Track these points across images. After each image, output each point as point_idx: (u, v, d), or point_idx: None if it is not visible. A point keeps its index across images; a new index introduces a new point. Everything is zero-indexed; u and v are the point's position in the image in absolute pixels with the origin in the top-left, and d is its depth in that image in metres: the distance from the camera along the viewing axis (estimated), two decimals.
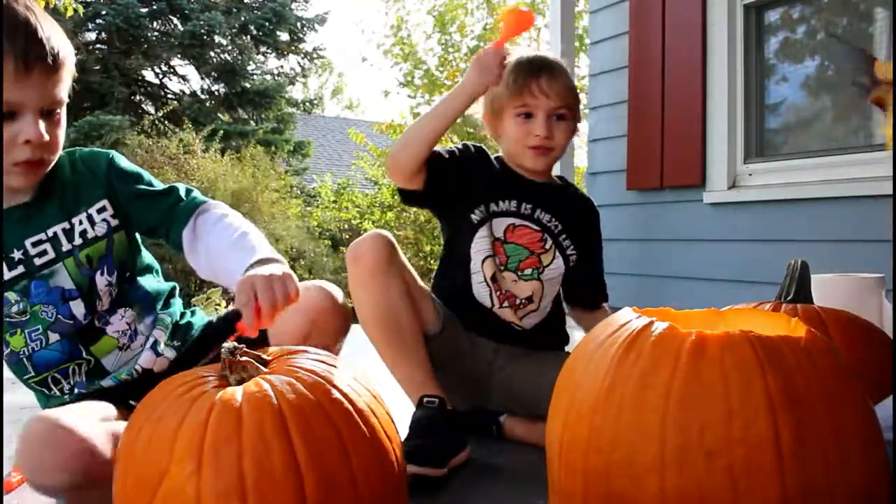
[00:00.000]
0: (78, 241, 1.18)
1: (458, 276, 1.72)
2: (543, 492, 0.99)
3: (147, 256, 1.32)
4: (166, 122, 9.85)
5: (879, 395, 1.02)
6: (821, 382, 0.83)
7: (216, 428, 0.80)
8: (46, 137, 1.08)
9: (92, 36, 11.35)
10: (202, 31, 11.52)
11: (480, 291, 1.72)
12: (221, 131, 10.10)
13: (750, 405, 0.80)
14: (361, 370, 1.00)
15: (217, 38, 12.04)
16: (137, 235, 1.30)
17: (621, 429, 0.84)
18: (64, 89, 1.11)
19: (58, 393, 1.21)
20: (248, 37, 12.79)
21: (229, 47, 12.42)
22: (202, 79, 12.53)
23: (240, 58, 12.36)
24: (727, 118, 3.06)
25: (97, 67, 10.85)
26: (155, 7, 11.42)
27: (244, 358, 0.90)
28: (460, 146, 1.76)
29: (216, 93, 12.53)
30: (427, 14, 9.97)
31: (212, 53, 12.29)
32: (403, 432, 1.21)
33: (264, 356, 0.95)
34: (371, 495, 0.84)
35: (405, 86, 10.10)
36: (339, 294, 1.40)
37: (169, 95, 12.30)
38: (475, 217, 1.70)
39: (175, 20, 12.05)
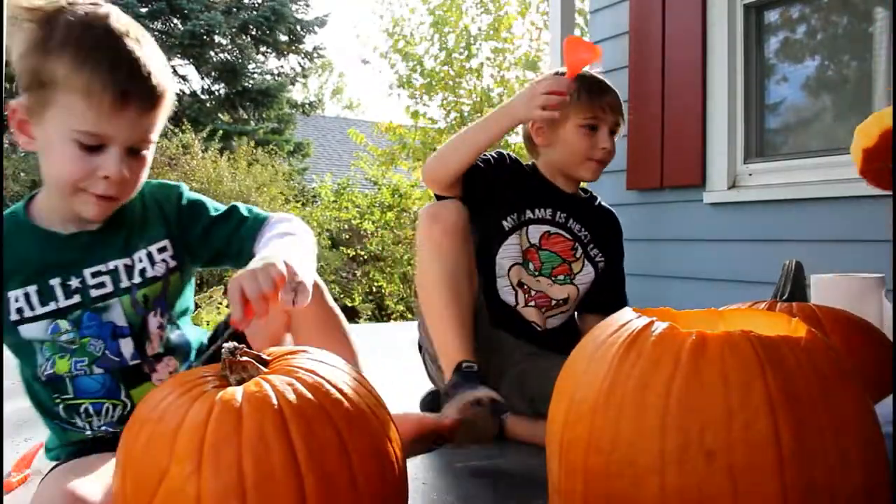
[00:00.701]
0: (137, 279, 1.14)
1: (485, 277, 1.75)
2: (543, 492, 0.99)
3: (189, 298, 1.25)
4: (166, 122, 9.85)
5: (876, 392, 1.02)
6: (821, 382, 0.83)
7: (216, 428, 0.80)
8: (126, 176, 1.05)
9: None
10: (202, 30, 11.51)
11: (506, 294, 1.76)
12: (221, 131, 10.10)
13: (750, 405, 0.80)
14: (362, 370, 1.00)
15: (217, 38, 12.04)
16: (191, 280, 1.25)
17: (621, 429, 0.84)
18: (157, 128, 1.08)
19: (81, 427, 1.16)
20: (248, 37, 12.79)
21: (229, 47, 12.42)
22: (202, 79, 12.53)
23: (240, 58, 12.36)
24: (727, 118, 3.06)
25: None
26: (155, 7, 11.42)
27: (244, 358, 0.90)
28: (495, 155, 1.79)
29: (216, 93, 12.54)
30: (428, 14, 9.95)
31: (212, 53, 12.29)
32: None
33: (264, 356, 0.95)
34: (371, 495, 0.84)
35: (403, 86, 10.09)
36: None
37: None
38: (507, 224, 1.74)
39: (175, 20, 12.05)
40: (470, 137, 1.63)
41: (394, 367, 2.27)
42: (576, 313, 1.90)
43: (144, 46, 1.04)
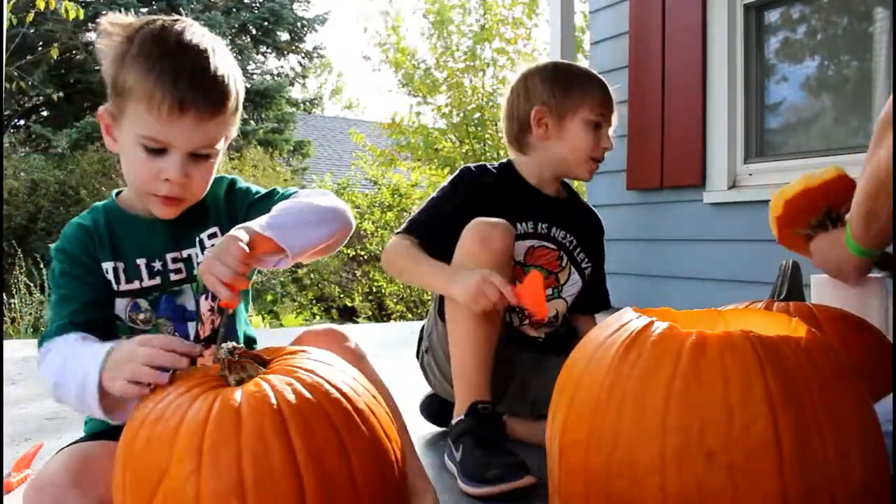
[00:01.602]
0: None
1: None
2: (543, 492, 0.99)
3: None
4: None
5: (872, 388, 1.02)
6: (821, 382, 0.83)
7: (216, 428, 0.80)
8: (188, 179, 1.11)
9: (92, 36, 11.35)
10: None
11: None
12: None
13: (750, 405, 0.80)
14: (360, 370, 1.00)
15: None
16: None
17: (622, 429, 0.84)
18: (220, 135, 1.13)
19: None
20: (248, 37, 12.80)
21: (229, 47, 12.41)
22: None
23: (240, 57, 12.37)
24: (727, 118, 3.06)
25: (97, 67, 10.86)
26: (155, 7, 11.42)
27: (243, 358, 0.90)
28: (457, 185, 1.69)
29: None
30: (427, 14, 9.96)
31: None
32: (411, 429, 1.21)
33: (264, 356, 0.95)
34: (370, 495, 0.84)
35: (404, 86, 10.10)
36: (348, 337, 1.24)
37: None
38: None
39: None
40: (416, 276, 1.59)
41: (394, 367, 2.26)
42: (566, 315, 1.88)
43: (212, 58, 1.09)
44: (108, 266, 1.14)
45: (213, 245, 1.19)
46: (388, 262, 1.63)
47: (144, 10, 11.20)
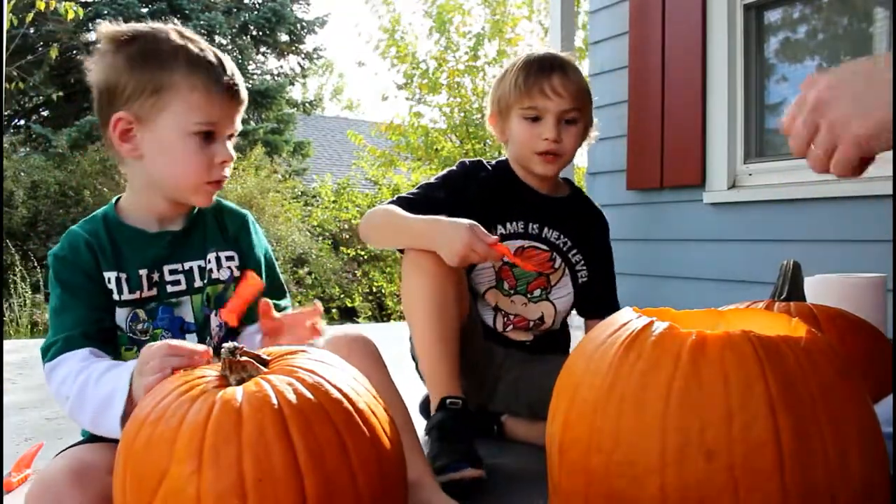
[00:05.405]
0: (206, 279, 1.23)
1: (472, 295, 1.69)
2: (543, 492, 0.99)
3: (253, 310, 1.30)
4: None
5: (872, 388, 1.02)
6: (821, 382, 0.83)
7: (216, 428, 0.80)
8: (235, 157, 1.20)
9: (92, 36, 11.35)
10: (202, 31, 11.50)
11: (487, 316, 1.70)
12: None
13: (750, 405, 0.80)
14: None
15: (217, 38, 12.04)
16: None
17: (622, 428, 0.84)
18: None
19: None
20: (248, 37, 12.81)
21: (229, 47, 12.44)
22: None
23: (240, 58, 12.37)
24: (727, 118, 3.06)
25: None
26: (155, 7, 11.42)
27: (244, 358, 0.90)
28: (451, 175, 1.69)
29: None
30: (425, 16, 9.96)
31: None
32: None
33: (264, 356, 0.95)
34: (371, 495, 0.84)
35: (403, 87, 10.09)
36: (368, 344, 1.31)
37: None
38: None
39: (175, 20, 12.05)
40: (395, 234, 1.56)
41: (393, 366, 2.26)
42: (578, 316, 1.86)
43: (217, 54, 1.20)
44: (110, 275, 1.15)
45: (228, 268, 1.25)
46: (366, 221, 1.60)
47: (145, 9, 11.21)
